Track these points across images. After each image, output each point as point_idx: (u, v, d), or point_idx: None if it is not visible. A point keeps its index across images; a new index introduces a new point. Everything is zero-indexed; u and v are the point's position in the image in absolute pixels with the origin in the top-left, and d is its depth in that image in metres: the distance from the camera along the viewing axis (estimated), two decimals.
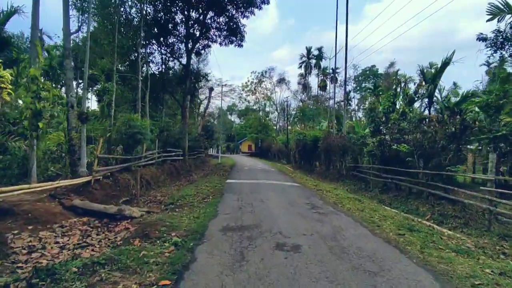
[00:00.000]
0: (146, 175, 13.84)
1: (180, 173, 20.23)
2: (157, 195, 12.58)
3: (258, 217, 7.41)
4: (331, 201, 10.57)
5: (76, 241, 6.27)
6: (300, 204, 9.49)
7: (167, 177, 17.05)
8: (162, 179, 15.89)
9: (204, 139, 33.61)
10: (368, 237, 6.21)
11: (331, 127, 33.10)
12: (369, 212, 8.97)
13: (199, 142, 29.33)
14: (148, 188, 13.36)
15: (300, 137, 31.39)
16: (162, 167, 17.40)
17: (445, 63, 15.24)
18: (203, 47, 28.14)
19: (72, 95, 10.20)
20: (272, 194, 11.14)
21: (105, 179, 10.53)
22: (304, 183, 15.85)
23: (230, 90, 57.22)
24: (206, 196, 10.68)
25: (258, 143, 61.43)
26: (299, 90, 65.54)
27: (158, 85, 23.62)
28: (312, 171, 27.20)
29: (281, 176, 19.23)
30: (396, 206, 11.68)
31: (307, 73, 55.53)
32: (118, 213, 7.49)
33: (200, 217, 7.42)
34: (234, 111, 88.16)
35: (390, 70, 70.53)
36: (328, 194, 12.37)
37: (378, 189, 15.07)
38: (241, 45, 27.07)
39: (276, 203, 9.51)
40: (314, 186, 14.72)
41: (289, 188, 13.35)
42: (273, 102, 65.36)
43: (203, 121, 38.85)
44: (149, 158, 15.56)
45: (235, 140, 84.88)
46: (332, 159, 23.97)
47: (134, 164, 12.99)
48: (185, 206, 9.07)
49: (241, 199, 10.04)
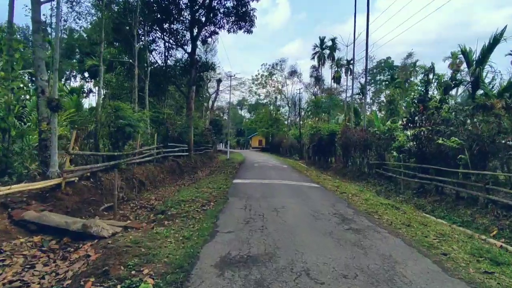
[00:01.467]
0: (140, 174, 11.93)
1: (184, 171, 18.34)
2: (151, 198, 10.66)
3: (272, 240, 5.32)
4: (362, 210, 8.39)
5: (10, 276, 4.36)
6: (326, 215, 7.35)
7: (167, 176, 15.14)
8: (161, 178, 13.99)
9: (212, 133, 31.66)
10: (442, 278, 4.05)
11: (347, 120, 30.66)
12: (418, 228, 6.77)
13: (206, 137, 27.40)
14: (142, 189, 11.44)
15: (314, 131, 29.12)
16: (162, 164, 15.50)
17: (495, 40, 12.66)
18: (209, 34, 26.01)
19: (43, 78, 8.28)
20: (288, 200, 9.02)
21: (84, 181, 8.63)
22: (323, 183, 13.66)
23: (240, 84, 55.15)
24: (207, 201, 8.65)
25: (269, 138, 59.21)
26: (311, 83, 62.89)
27: (160, 74, 21.71)
28: (328, 168, 24.93)
29: (296, 175, 17.08)
30: (441, 215, 9.42)
31: (321, 64, 52.75)
32: (83, 230, 5.54)
33: (191, 238, 5.39)
34: (244, 106, 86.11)
35: (408, 61, 67.12)
36: (355, 198, 10.18)
37: (412, 191, 12.78)
38: (250, 31, 24.86)
39: (295, 213, 7.39)
40: (335, 188, 12.53)
41: (308, 191, 11.21)
42: (284, 96, 62.96)
43: (211, 115, 36.87)
44: (146, 155, 13.66)
45: (245, 135, 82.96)
46: (351, 155, 21.63)
47: (125, 161, 11.07)
48: (177, 216, 7.06)
49: (249, 207, 7.97)
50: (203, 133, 26.48)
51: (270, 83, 60.51)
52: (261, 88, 61.48)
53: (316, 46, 52.87)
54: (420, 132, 11.18)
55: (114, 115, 10.19)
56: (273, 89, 61.10)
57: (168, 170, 15.88)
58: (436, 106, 12.15)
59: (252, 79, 59.65)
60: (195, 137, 24.88)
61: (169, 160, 17.29)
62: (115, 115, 10.17)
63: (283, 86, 61.48)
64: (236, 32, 25.43)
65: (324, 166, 26.21)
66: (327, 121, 33.99)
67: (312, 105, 39.50)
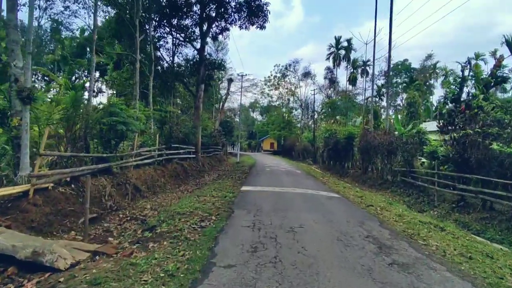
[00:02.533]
0: (136, 179, 10.55)
1: (189, 175, 16.95)
2: (146, 207, 9.24)
3: (289, 283, 3.74)
4: (400, 230, 6.70)
5: None
6: (357, 239, 5.71)
7: (170, 180, 13.76)
8: (161, 183, 12.59)
9: (222, 135, 30.28)
10: None
11: (365, 123, 28.73)
12: (485, 262, 5.06)
13: (215, 138, 26.01)
14: (137, 196, 10.04)
15: (329, 134, 27.33)
16: (164, 167, 14.13)
17: None
18: (220, 31, 24.72)
19: (17, 65, 7.00)
20: (306, 216, 7.40)
21: (63, 187, 7.27)
22: (343, 193, 11.96)
23: (252, 85, 53.66)
24: (208, 215, 7.14)
25: (281, 140, 57.46)
26: (325, 85, 60.94)
27: (167, 72, 20.48)
28: (345, 174, 23.09)
29: (311, 182, 15.40)
30: (496, 238, 7.61)
31: (336, 65, 50.80)
32: (32, 258, 4.11)
33: (176, 276, 3.87)
34: (256, 108, 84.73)
35: (427, 63, 64.33)
36: (386, 213, 8.47)
37: (449, 204, 10.94)
38: (263, 26, 23.42)
39: (317, 236, 5.78)
40: (359, 198, 10.82)
41: (328, 202, 9.54)
42: (297, 98, 61.19)
43: (221, 116, 35.53)
44: (145, 157, 12.30)
45: (256, 137, 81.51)
46: (371, 161, 19.77)
47: (118, 164, 9.71)
48: (167, 236, 5.57)
49: (258, 224, 6.40)
50: (211, 134, 25.10)
51: (283, 85, 58.93)
52: (274, 90, 59.94)
53: (332, 46, 51.01)
54: (464, 135, 9.37)
55: (105, 111, 8.85)
56: (286, 91, 59.47)
57: (171, 174, 14.50)
58: (480, 105, 10.30)
59: (265, 80, 58.14)
60: (203, 138, 23.54)
61: (173, 163, 15.94)
62: (106, 111, 8.83)
63: (296, 88, 59.77)
64: (248, 29, 24.07)
65: (341, 171, 24.36)
66: (343, 123, 32.09)
67: (327, 107, 37.43)
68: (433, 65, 60.88)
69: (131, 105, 13.62)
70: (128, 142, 10.86)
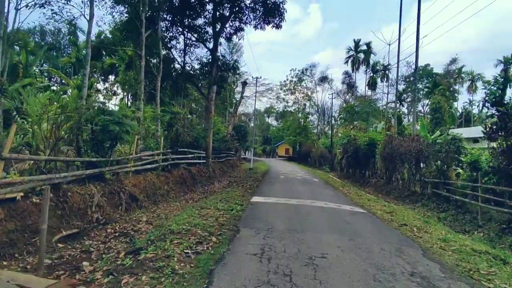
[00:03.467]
0: (134, 187, 9.42)
1: (197, 181, 15.80)
2: (142, 220, 8.07)
3: None
4: (452, 264, 5.17)
5: None
6: (400, 279, 4.24)
7: (175, 188, 12.61)
8: (164, 191, 11.44)
9: (235, 139, 29.12)
10: None
11: (388, 129, 26.86)
12: None
13: (227, 143, 24.85)
14: (133, 207, 8.89)
15: (348, 140, 25.66)
16: (169, 173, 13.00)
17: None
18: (234, 31, 23.70)
19: None
20: (329, 239, 5.97)
21: (39, 197, 6.18)
22: (369, 207, 10.41)
23: (267, 90, 52.51)
24: (207, 234, 5.86)
25: (296, 146, 55.83)
26: (343, 90, 59.02)
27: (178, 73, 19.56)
28: (366, 183, 21.34)
29: (330, 192, 13.88)
30: None
31: (355, 69, 48.96)
32: None
33: None
34: (271, 113, 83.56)
35: (452, 67, 61.25)
36: (427, 237, 6.90)
37: (497, 225, 9.19)
38: (279, 25, 22.29)
39: (345, 273, 4.35)
40: (388, 214, 9.26)
41: (354, 220, 8.03)
42: (314, 103, 59.53)
43: (234, 119, 34.41)
44: (147, 161, 11.20)
45: (271, 143, 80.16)
46: (397, 170, 18.00)
47: (112, 170, 8.61)
48: (149, 267, 4.30)
49: (268, 252, 5.04)
50: (224, 139, 23.94)
51: (299, 89, 57.50)
52: (290, 95, 58.60)
53: (350, 49, 49.27)
54: None
55: (97, 110, 7.79)
56: (302, 96, 57.99)
57: (177, 181, 13.36)
58: None
59: (280, 84, 56.92)
60: (215, 143, 22.44)
61: (180, 168, 14.81)
62: (98, 110, 7.77)
63: (313, 93, 58.20)
64: (264, 29, 22.96)
65: (361, 180, 22.62)
66: (363, 129, 30.26)
67: (346, 111, 35.50)
68: (458, 70, 57.81)
69: (135, 105, 12.66)
70: (128, 145, 9.77)
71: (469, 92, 52.26)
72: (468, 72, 54.12)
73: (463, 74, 56.73)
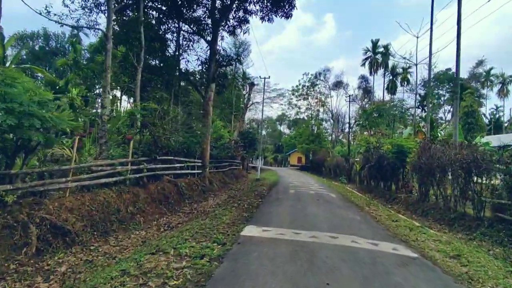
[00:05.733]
0: (66, 212, 6.33)
1: (185, 197, 12.69)
2: (57, 270, 4.95)
3: None
4: None
5: None
6: None
7: (147, 208, 9.50)
8: (127, 214, 8.33)
9: (240, 146, 25.98)
10: None
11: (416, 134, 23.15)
12: None
13: (230, 150, 21.70)
14: (55, 245, 5.77)
15: (370, 148, 22.11)
16: (142, 188, 9.93)
17: None
18: (238, 23, 20.84)
19: None
20: None
21: None
22: (418, 244, 6.94)
23: (279, 95, 49.42)
24: None
25: (309, 155, 52.10)
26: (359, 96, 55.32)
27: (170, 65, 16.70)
28: (393, 198, 17.62)
29: (357, 216, 10.37)
30: None
31: (373, 71, 45.29)
32: None
33: None
34: (283, 121, 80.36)
35: (478, 70, 56.60)
36: None
37: None
38: (289, 14, 19.38)
39: None
40: (455, 263, 5.81)
41: (409, 284, 4.63)
42: (328, 109, 55.96)
43: (240, 124, 31.30)
44: (103, 174, 8.15)
45: (283, 151, 76.70)
46: (435, 183, 14.33)
47: (24, 189, 5.56)
48: None
49: None
50: (224, 145, 20.81)
51: (312, 95, 54.15)
52: (302, 100, 55.29)
53: (368, 50, 45.73)
54: None
55: None
56: (315, 101, 54.56)
57: (153, 198, 10.26)
58: None
59: (292, 90, 53.75)
60: (214, 150, 19.36)
61: (163, 181, 11.77)
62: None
63: (327, 98, 54.71)
64: (272, 20, 20.09)
65: (387, 195, 18.90)
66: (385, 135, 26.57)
67: (368, 114, 31.57)
68: (486, 72, 53.11)
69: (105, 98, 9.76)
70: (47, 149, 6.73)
71: (500, 96, 47.47)
72: (499, 74, 49.41)
73: (491, 77, 52.09)
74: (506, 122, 50.45)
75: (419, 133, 24.18)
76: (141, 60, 12.50)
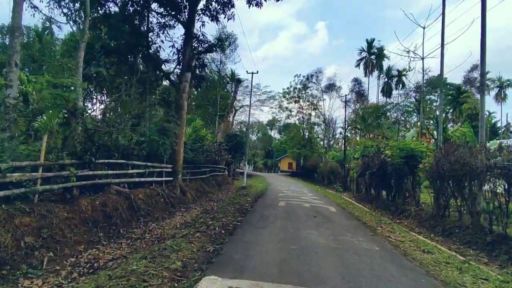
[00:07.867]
0: None
1: (138, 214, 9.58)
2: None
3: None
4: None
5: None
6: None
7: (66, 235, 6.36)
8: (5, 253, 5.19)
9: (224, 150, 22.92)
10: None
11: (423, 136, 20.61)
12: None
13: (209, 154, 18.60)
14: None
15: (370, 152, 19.43)
16: (63, 204, 6.81)
17: None
18: (221, 6, 18.00)
19: None
20: None
21: None
22: None
23: (269, 98, 46.75)
24: None
25: (300, 160, 49.34)
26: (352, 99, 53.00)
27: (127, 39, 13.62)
28: (400, 212, 14.79)
29: (373, 245, 7.38)
30: None
31: (368, 72, 43.04)
32: None
33: None
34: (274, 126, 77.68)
35: (473, 75, 55.21)
36: None
37: None
38: None
39: None
40: None
41: None
42: (320, 112, 53.43)
43: (225, 126, 28.20)
44: None
45: (273, 156, 73.89)
46: (462, 196, 11.55)
47: None
48: None
49: None
50: (203, 148, 17.72)
51: (303, 97, 51.57)
52: (293, 103, 52.64)
53: (363, 50, 43.52)
54: None
55: None
56: (307, 104, 51.99)
57: (82, 218, 7.12)
58: None
59: (284, 92, 51.09)
60: (189, 153, 16.28)
61: (108, 193, 8.64)
62: None
63: (319, 101, 52.18)
64: (261, 5, 17.33)
65: (392, 207, 16.06)
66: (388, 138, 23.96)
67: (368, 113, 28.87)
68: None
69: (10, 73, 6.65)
70: None
71: (497, 101, 45.78)
72: (495, 78, 47.83)
73: (488, 81, 50.72)
74: (502, 128, 48.80)
75: (423, 136, 21.69)
76: (84, 33, 9.43)
